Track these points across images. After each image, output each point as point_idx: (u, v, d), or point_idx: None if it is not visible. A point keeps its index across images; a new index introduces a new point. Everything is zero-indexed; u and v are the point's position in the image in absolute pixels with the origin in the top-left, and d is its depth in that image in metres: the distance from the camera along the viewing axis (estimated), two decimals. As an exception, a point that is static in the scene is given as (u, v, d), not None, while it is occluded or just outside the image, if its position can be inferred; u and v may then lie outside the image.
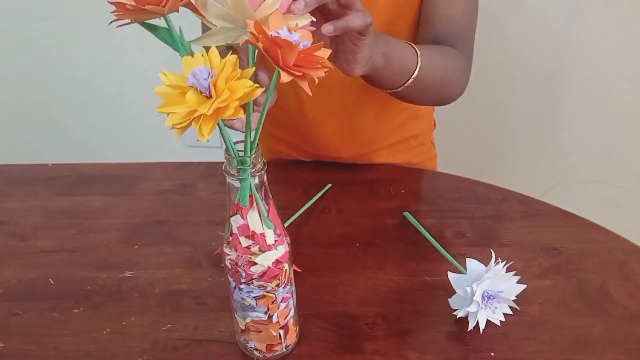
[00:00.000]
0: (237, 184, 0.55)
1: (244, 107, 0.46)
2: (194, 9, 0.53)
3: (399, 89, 0.77)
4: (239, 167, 0.53)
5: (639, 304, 0.71)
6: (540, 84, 1.55)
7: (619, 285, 0.74)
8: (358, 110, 0.96)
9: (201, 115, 0.43)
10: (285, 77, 0.45)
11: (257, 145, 0.53)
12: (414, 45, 0.77)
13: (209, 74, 0.44)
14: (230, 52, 0.48)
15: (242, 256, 0.57)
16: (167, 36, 0.53)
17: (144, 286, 0.78)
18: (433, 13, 0.88)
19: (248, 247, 0.57)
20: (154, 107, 1.50)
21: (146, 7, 0.49)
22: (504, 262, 0.68)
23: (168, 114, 0.44)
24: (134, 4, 0.48)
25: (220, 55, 0.46)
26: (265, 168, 0.55)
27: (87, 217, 0.91)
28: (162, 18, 0.53)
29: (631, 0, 1.39)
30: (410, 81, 0.76)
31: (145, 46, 1.63)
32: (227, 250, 0.59)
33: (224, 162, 0.55)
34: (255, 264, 0.57)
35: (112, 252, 0.84)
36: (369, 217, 0.87)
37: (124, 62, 1.70)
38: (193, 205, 0.93)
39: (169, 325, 0.72)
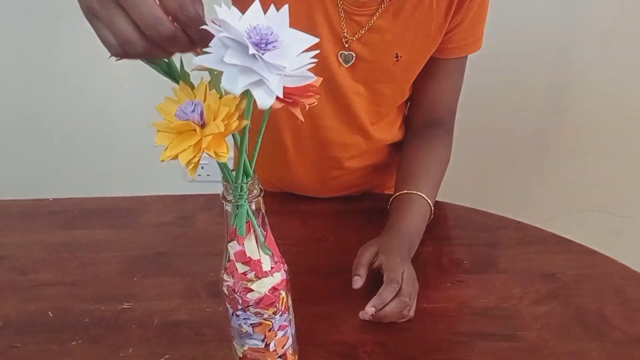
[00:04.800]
0: (234, 210, 0.55)
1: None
2: None
3: None
4: (235, 193, 0.54)
5: (637, 328, 0.71)
6: (539, 114, 1.56)
7: (617, 310, 0.74)
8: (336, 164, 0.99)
9: (210, 139, 0.44)
10: (277, 105, 0.47)
11: (254, 172, 0.54)
12: (425, 197, 0.88)
13: (194, 105, 0.45)
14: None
15: (238, 282, 0.58)
16: (166, 68, 0.54)
17: (142, 317, 0.78)
18: (426, 98, 0.97)
19: (244, 274, 0.57)
20: (154, 142, 1.50)
21: None
22: None
23: (177, 155, 0.45)
24: None
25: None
26: (261, 195, 0.55)
27: (87, 250, 0.92)
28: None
29: (625, 30, 1.41)
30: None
31: (146, 85, 1.66)
32: (224, 277, 0.59)
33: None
34: (252, 290, 0.58)
35: (111, 285, 0.85)
36: (366, 246, 0.87)
37: (125, 99, 1.72)
38: (192, 236, 0.93)
39: (167, 356, 0.72)
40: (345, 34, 0.84)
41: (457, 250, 0.85)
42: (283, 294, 0.60)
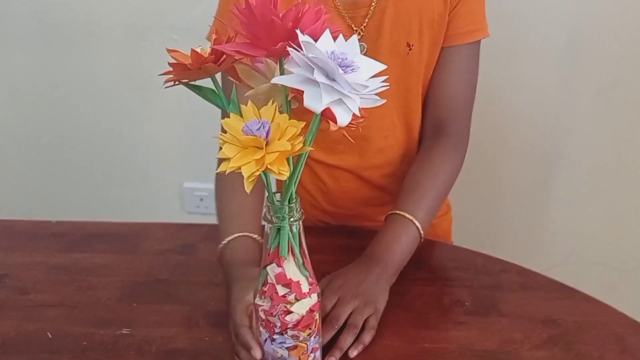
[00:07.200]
0: (274, 232, 0.57)
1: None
2: (234, 74, 0.56)
3: None
4: (280, 215, 0.55)
5: (638, 378, 0.71)
6: (535, 165, 1.58)
7: (617, 358, 0.74)
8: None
9: (275, 156, 0.47)
10: (333, 126, 0.49)
11: (296, 194, 0.56)
12: (414, 219, 0.86)
13: (260, 124, 0.47)
14: None
15: (278, 305, 0.58)
16: (212, 94, 0.56)
17: (140, 344, 0.77)
18: (436, 94, 0.96)
19: (284, 296, 0.58)
20: (155, 173, 1.52)
21: (205, 66, 0.52)
22: None
23: (240, 167, 0.47)
24: (192, 63, 0.52)
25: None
26: (302, 218, 0.57)
27: (88, 273, 0.92)
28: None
29: (624, 86, 1.44)
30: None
31: (152, 114, 1.68)
32: (259, 302, 0.59)
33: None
34: (291, 312, 0.58)
35: (110, 309, 0.84)
36: (369, 283, 0.87)
37: (130, 128, 1.74)
38: (194, 265, 0.93)
39: (164, 384, 0.71)
40: (351, 26, 0.90)
41: (459, 292, 0.85)
42: (317, 315, 0.61)
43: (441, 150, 0.95)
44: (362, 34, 0.91)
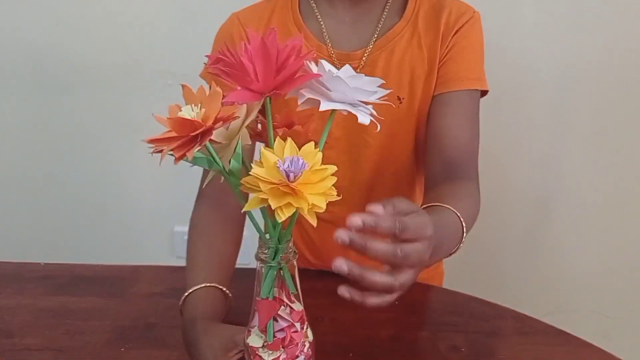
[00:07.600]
0: (270, 273, 0.57)
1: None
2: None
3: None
4: (281, 255, 0.56)
5: None
6: (528, 212, 1.58)
7: (617, 406, 0.72)
8: None
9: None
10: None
11: (291, 232, 0.56)
12: (455, 210, 0.73)
13: (290, 162, 0.48)
14: None
15: (302, 342, 0.58)
16: (203, 160, 0.56)
17: (127, 390, 0.75)
18: (441, 138, 0.91)
19: (302, 330, 0.59)
20: (146, 217, 1.50)
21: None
22: None
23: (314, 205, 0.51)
24: (177, 136, 0.52)
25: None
26: (296, 257, 0.58)
27: (76, 317, 0.90)
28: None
29: (614, 134, 1.46)
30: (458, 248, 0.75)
31: (143, 157, 1.67)
32: (269, 357, 0.58)
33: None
34: (310, 342, 0.60)
35: (97, 354, 0.82)
36: (362, 328, 0.86)
37: (121, 171, 1.73)
38: (185, 309, 0.91)
39: None
40: None
41: (455, 337, 0.84)
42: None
43: (464, 186, 0.87)
44: None
